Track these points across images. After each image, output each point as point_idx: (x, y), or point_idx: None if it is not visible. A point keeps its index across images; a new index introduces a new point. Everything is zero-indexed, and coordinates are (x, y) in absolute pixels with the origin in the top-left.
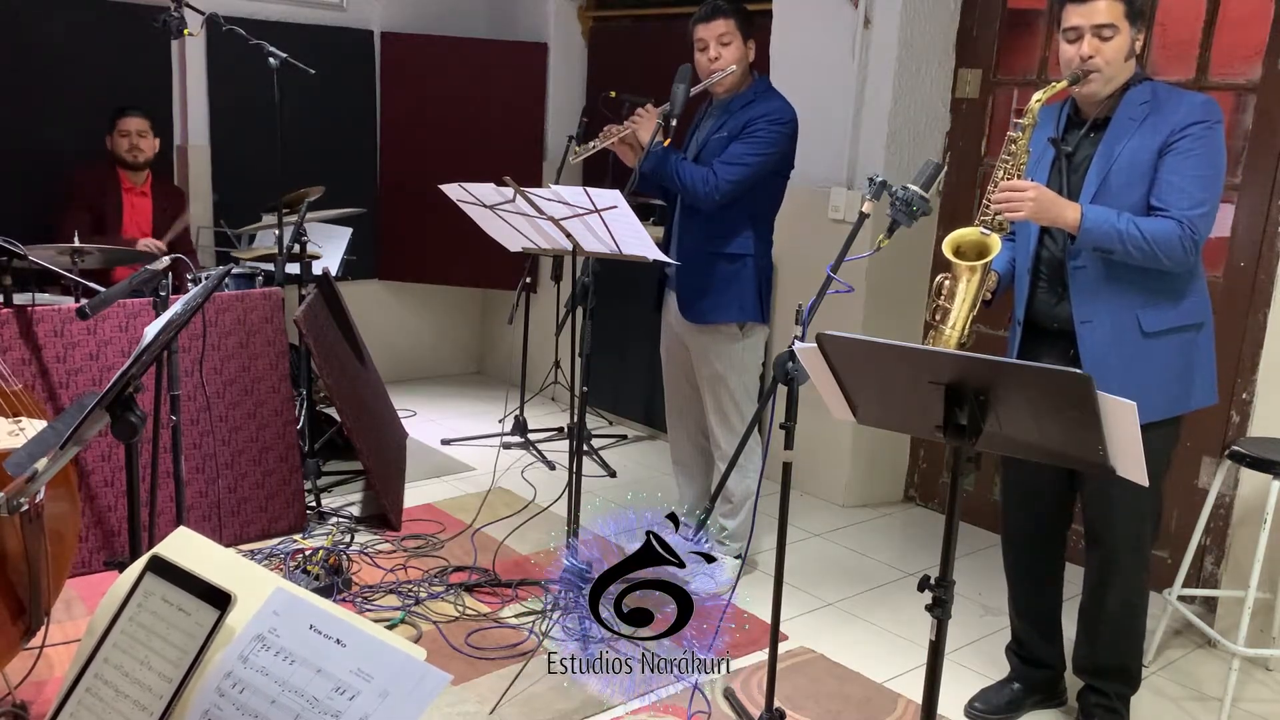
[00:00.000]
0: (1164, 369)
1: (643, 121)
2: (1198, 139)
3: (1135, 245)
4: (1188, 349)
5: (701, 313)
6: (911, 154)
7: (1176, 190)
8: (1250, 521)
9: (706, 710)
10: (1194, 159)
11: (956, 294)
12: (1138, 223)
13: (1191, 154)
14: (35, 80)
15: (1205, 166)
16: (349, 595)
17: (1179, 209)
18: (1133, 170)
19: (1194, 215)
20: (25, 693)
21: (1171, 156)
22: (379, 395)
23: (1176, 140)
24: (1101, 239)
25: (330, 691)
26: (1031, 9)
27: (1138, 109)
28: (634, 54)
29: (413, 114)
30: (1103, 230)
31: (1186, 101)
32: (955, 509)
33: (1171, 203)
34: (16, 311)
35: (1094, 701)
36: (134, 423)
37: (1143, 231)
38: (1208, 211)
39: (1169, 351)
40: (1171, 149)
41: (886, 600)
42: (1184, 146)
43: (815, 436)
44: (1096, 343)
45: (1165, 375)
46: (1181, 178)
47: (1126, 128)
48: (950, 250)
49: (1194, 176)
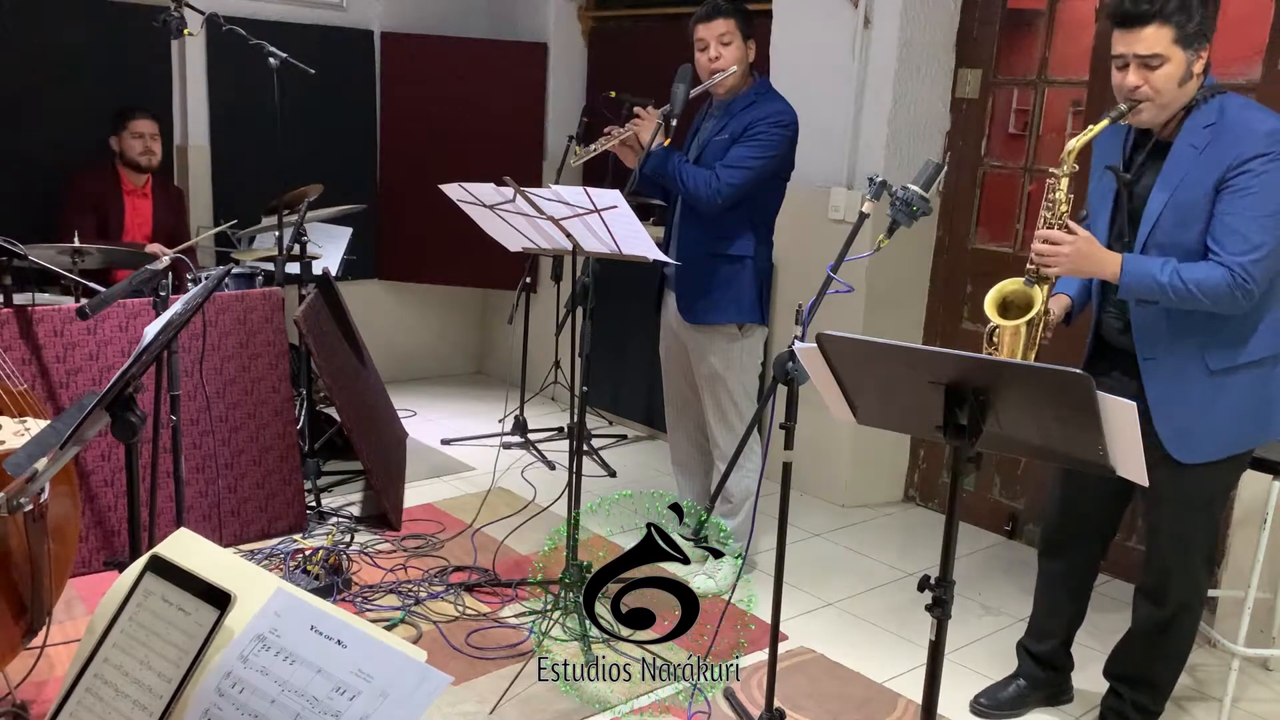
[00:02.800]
0: (1234, 406)
1: (643, 123)
2: (1257, 175)
3: (1180, 296)
4: (1261, 384)
5: (700, 313)
6: (911, 154)
7: (1231, 233)
8: (1250, 521)
9: (706, 710)
10: (1252, 198)
11: (1005, 346)
12: (1182, 272)
13: (1249, 193)
14: (34, 80)
15: (1265, 206)
16: (349, 595)
17: (1230, 254)
18: (1189, 209)
19: (1246, 261)
20: (25, 692)
21: (1229, 195)
22: (379, 395)
23: (1234, 176)
24: (1142, 291)
25: (330, 692)
26: (1031, 9)
27: (1200, 134)
28: (634, 54)
29: (413, 114)
30: (1143, 284)
31: (1249, 130)
32: (955, 509)
33: (1225, 246)
34: (16, 311)
35: (1109, 705)
36: (134, 423)
37: (1187, 283)
38: (1264, 257)
39: (1239, 389)
40: (1228, 186)
41: (886, 600)
42: (1242, 184)
43: (815, 436)
44: (1161, 380)
45: (1238, 413)
46: (1237, 219)
47: (1186, 156)
48: (994, 305)
49: (1252, 218)
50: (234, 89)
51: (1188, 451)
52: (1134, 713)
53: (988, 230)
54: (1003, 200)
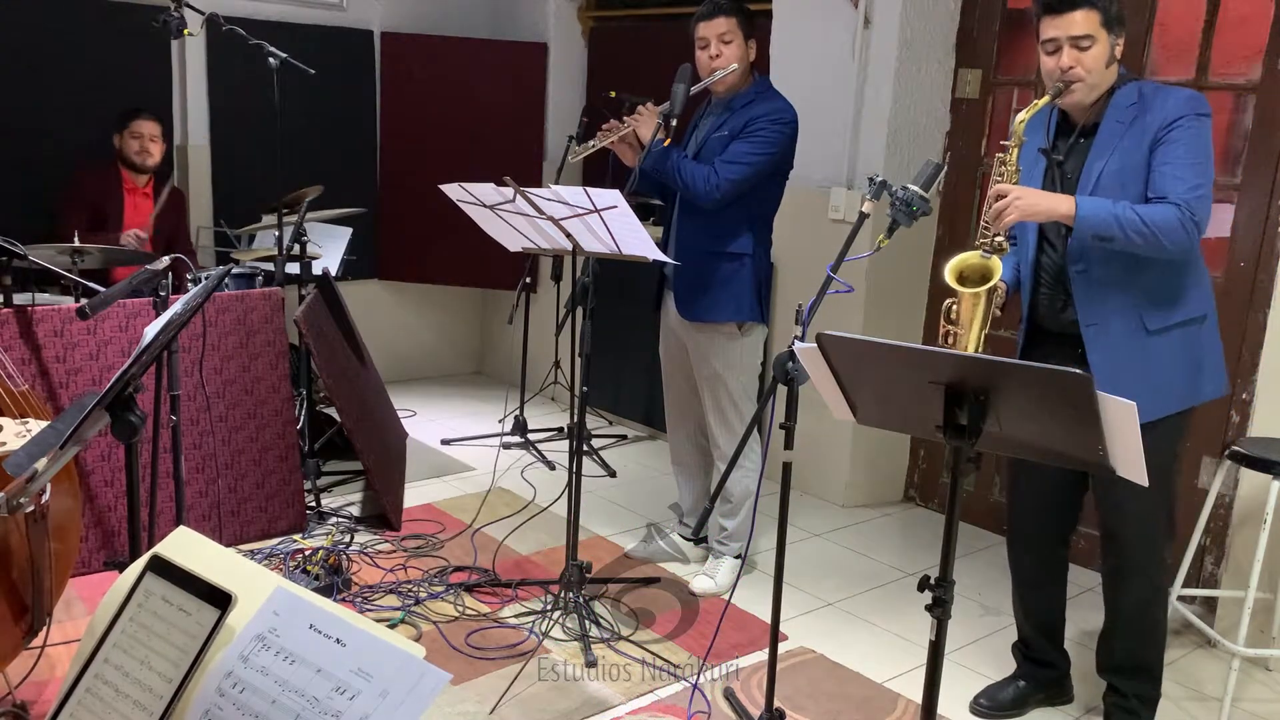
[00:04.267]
0: (1170, 365)
1: (643, 120)
2: (1185, 129)
3: (1134, 230)
4: (1193, 343)
5: (699, 312)
6: (911, 154)
7: (1170, 178)
8: (1250, 521)
9: (706, 710)
10: (1183, 147)
11: (964, 318)
12: (1135, 208)
13: (1180, 143)
14: (34, 80)
15: (1196, 154)
16: (349, 595)
17: (1176, 193)
18: (1124, 172)
19: (1191, 198)
20: (26, 693)
21: (1162, 148)
22: (379, 395)
23: (1165, 133)
24: (1099, 226)
25: (330, 691)
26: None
27: (1125, 111)
28: (634, 54)
29: (413, 114)
30: (1099, 217)
31: (1172, 98)
32: (955, 509)
33: (1168, 189)
34: (16, 311)
35: (1113, 702)
36: (134, 423)
37: (1141, 216)
38: (1204, 195)
39: (1174, 347)
40: (1161, 142)
41: (886, 600)
42: (1173, 138)
43: (815, 436)
44: (1103, 345)
45: (1172, 371)
46: (1174, 166)
47: (1115, 131)
48: (953, 276)
49: (1187, 164)
50: (234, 89)
51: None
52: (1138, 704)
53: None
54: None
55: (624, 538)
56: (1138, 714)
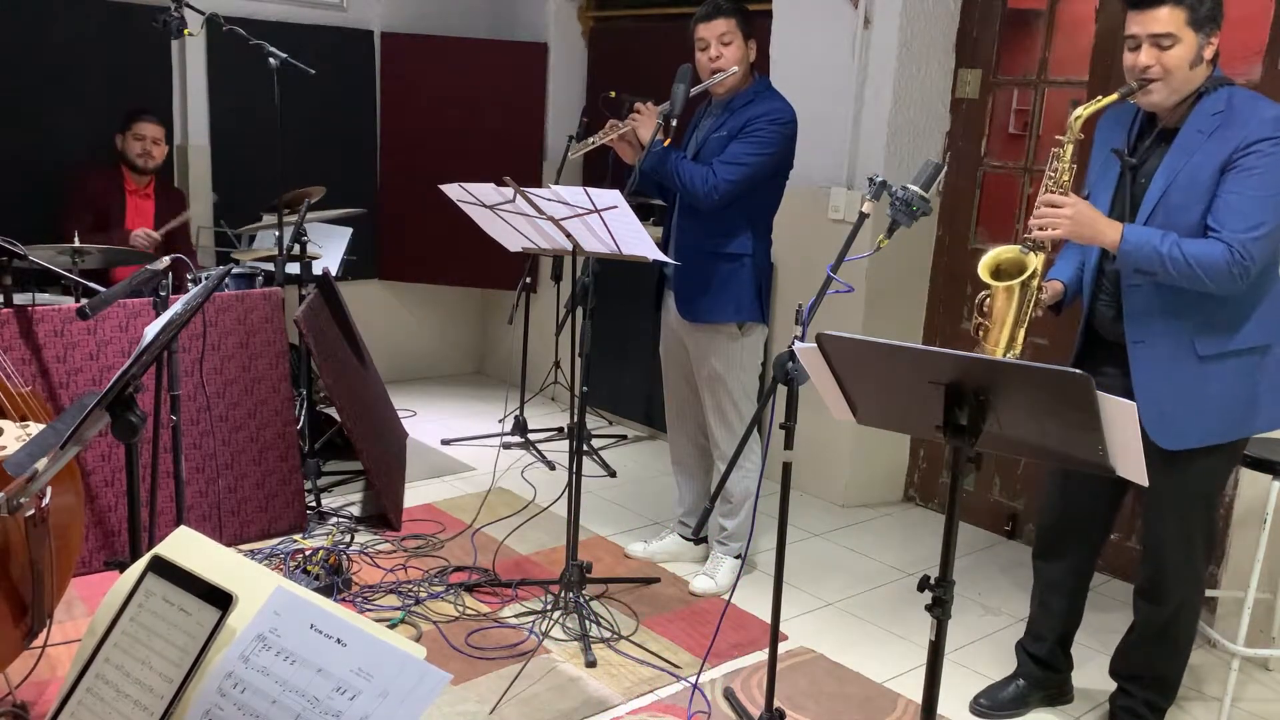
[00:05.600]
0: (1221, 395)
1: (643, 119)
2: (1265, 156)
3: (1178, 269)
4: (1250, 374)
5: (699, 312)
6: (911, 154)
7: (1232, 211)
8: (1250, 521)
9: (706, 710)
10: (1256, 178)
11: (995, 312)
12: (1183, 245)
13: (1254, 172)
14: (35, 80)
15: (1268, 186)
16: (349, 595)
17: (1231, 231)
18: (1194, 188)
19: (1247, 239)
20: (26, 693)
21: (1233, 174)
22: (379, 395)
23: (1241, 157)
24: (1142, 261)
25: (331, 691)
26: (1031, 9)
27: (1209, 120)
28: (634, 54)
29: (413, 114)
30: (1143, 253)
31: (1258, 115)
32: (955, 509)
33: (1225, 223)
34: (16, 311)
35: (1121, 705)
36: (134, 423)
37: (1186, 255)
38: (1264, 235)
39: (1226, 377)
40: (1235, 166)
41: (886, 600)
42: (1248, 164)
43: (815, 436)
44: (1148, 364)
45: (1223, 401)
46: (1240, 198)
47: (1194, 140)
48: (988, 269)
49: (1254, 197)
50: (234, 89)
51: (1169, 437)
52: (1146, 710)
53: (987, 230)
54: (1002, 200)
55: (624, 538)
56: (1145, 718)
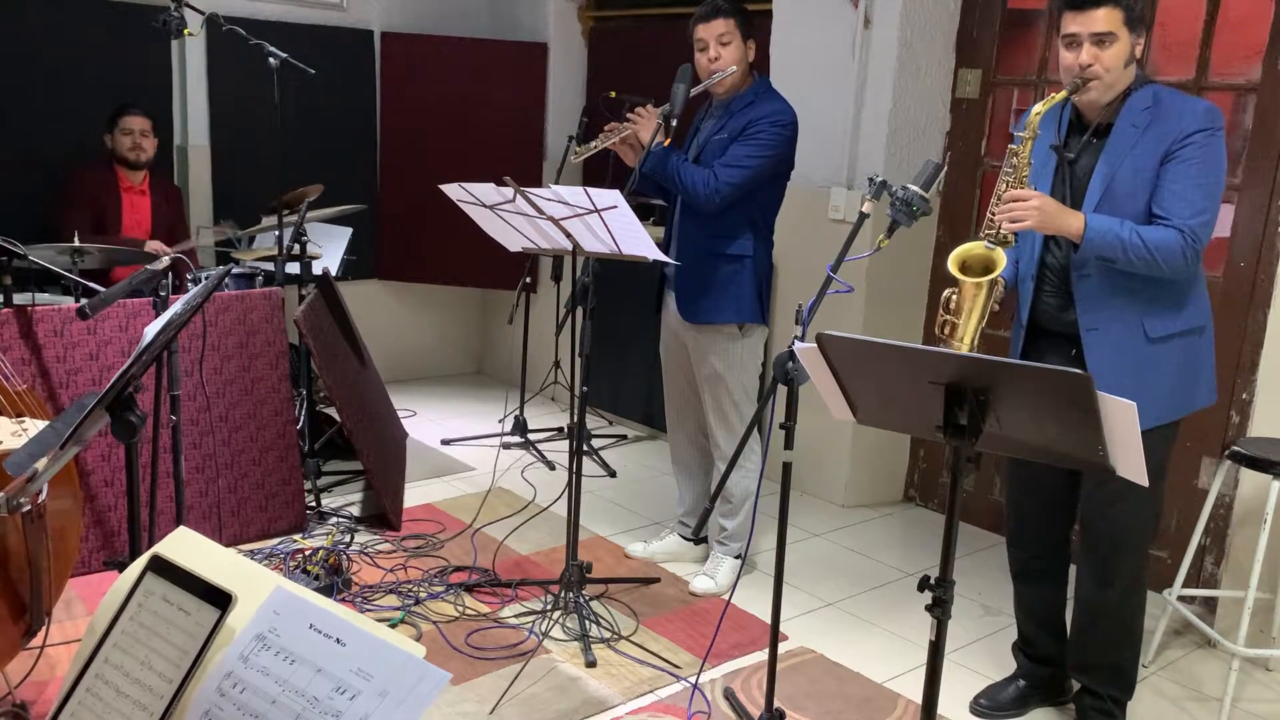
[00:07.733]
0: (1169, 374)
1: (643, 121)
2: (1200, 147)
3: (1138, 254)
4: (1191, 353)
5: (700, 313)
6: (911, 154)
7: (1178, 199)
8: (1250, 521)
9: (706, 710)
10: (1196, 167)
11: (964, 309)
12: (1140, 232)
13: (1193, 162)
14: (35, 80)
15: (1207, 175)
16: (349, 595)
17: (1180, 217)
18: (1136, 179)
19: (1195, 224)
20: (26, 693)
21: (1174, 165)
22: (379, 395)
23: (1179, 149)
24: (1105, 248)
25: (330, 691)
26: (1031, 9)
27: (1140, 115)
28: (634, 54)
29: (413, 113)
30: (1106, 240)
31: (1190, 109)
32: (955, 509)
33: (1173, 211)
34: (16, 311)
35: (1089, 704)
36: (134, 423)
37: (1145, 241)
38: (1209, 220)
39: (1173, 356)
40: (1174, 157)
41: (886, 600)
42: (1186, 154)
43: (815, 436)
44: (1102, 349)
45: (1170, 380)
46: (1184, 186)
47: (1129, 135)
48: (955, 266)
49: (1196, 185)
50: (234, 89)
51: None
52: (1112, 706)
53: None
54: None
55: (624, 538)
56: (1112, 715)
